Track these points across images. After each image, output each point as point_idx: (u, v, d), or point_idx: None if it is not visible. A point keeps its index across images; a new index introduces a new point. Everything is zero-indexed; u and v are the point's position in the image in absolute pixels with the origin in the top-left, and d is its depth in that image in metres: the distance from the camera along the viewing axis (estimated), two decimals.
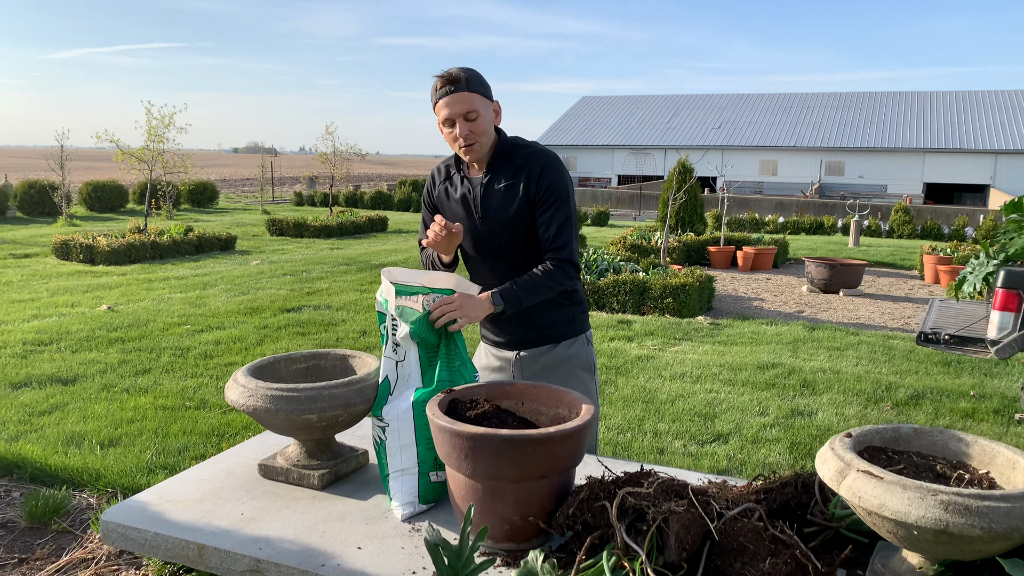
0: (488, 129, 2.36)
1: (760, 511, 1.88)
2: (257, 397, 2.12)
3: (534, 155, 2.40)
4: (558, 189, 2.37)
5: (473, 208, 2.46)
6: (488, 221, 2.45)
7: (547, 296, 2.37)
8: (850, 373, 5.94)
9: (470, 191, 2.46)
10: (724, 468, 4.01)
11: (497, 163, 2.42)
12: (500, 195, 2.41)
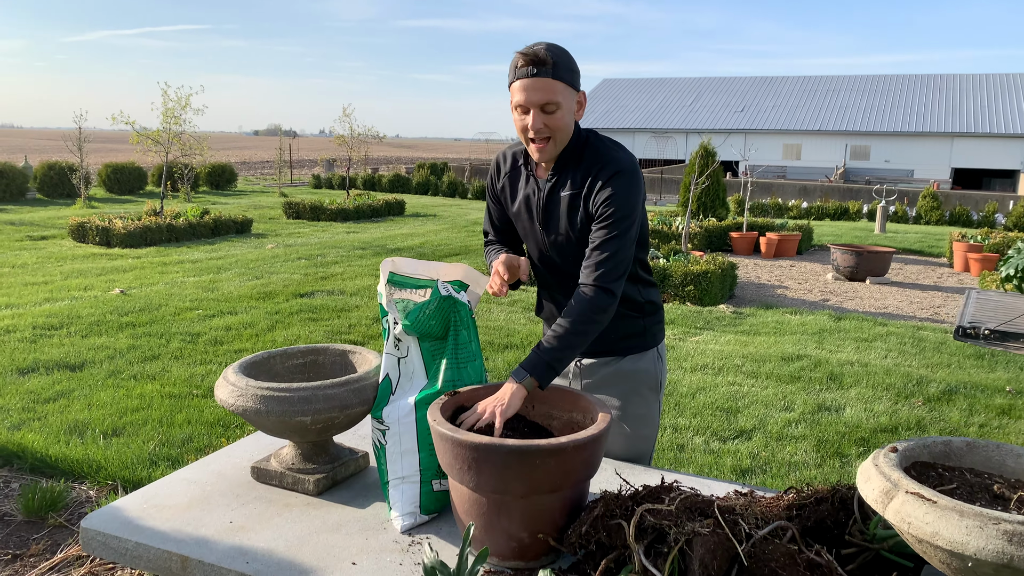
0: (567, 125, 2.01)
1: (793, 530, 1.71)
2: (247, 397, 1.97)
3: (606, 160, 2.04)
4: (621, 207, 1.99)
5: (535, 215, 2.16)
6: (550, 233, 2.15)
7: (589, 339, 1.99)
8: (879, 366, 5.72)
9: (534, 193, 2.15)
10: (748, 467, 3.83)
11: (566, 165, 2.08)
12: (564, 205, 2.09)
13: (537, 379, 1.89)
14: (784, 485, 3.61)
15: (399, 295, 2.11)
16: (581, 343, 1.95)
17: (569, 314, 1.97)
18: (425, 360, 2.05)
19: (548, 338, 1.95)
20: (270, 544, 1.84)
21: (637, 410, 2.27)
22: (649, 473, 2.20)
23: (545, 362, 1.91)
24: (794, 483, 3.67)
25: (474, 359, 2.05)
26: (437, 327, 2.03)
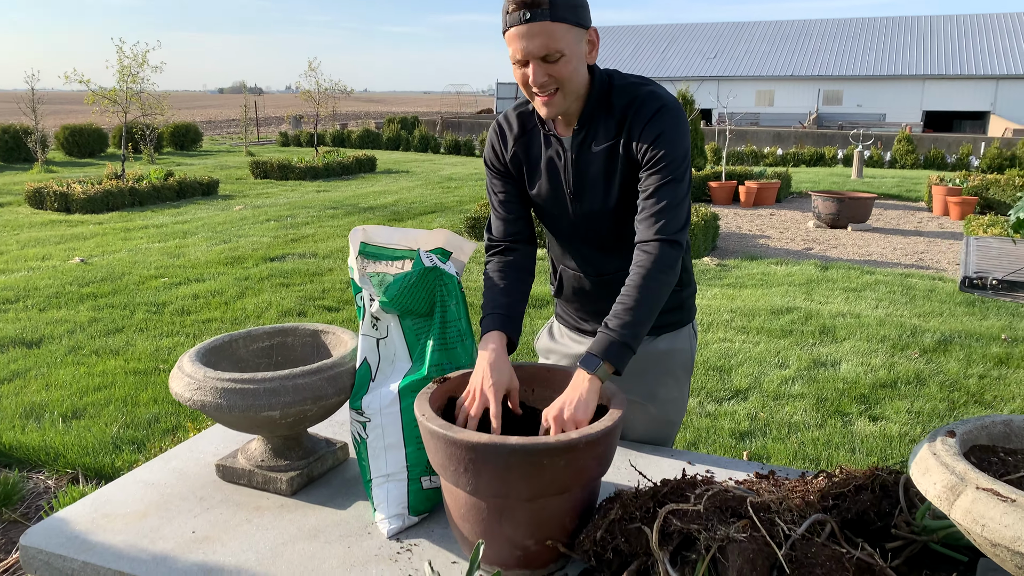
0: (577, 74, 1.67)
1: (832, 524, 1.51)
2: (205, 390, 1.72)
3: (643, 98, 1.73)
4: (673, 146, 1.69)
5: (565, 182, 1.84)
6: (584, 201, 1.84)
7: (661, 305, 1.68)
8: (871, 317, 5.58)
9: (559, 155, 1.82)
10: (746, 430, 3.66)
11: (594, 114, 1.76)
12: (599, 161, 1.78)
13: (613, 364, 1.58)
14: (787, 449, 3.46)
15: (374, 268, 1.86)
16: (655, 310, 1.65)
17: (635, 280, 1.66)
18: (408, 340, 1.81)
19: (617, 312, 1.63)
20: (238, 558, 1.61)
21: (669, 394, 2.04)
22: (666, 460, 1.99)
23: (618, 342, 1.59)
24: (796, 445, 3.51)
25: (464, 338, 1.81)
26: (422, 303, 1.79)
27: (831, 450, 3.46)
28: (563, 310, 2.11)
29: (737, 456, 3.40)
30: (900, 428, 3.68)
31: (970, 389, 4.19)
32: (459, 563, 1.58)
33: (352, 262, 1.85)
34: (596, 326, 2.02)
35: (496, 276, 1.91)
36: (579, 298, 2.00)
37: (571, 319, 2.08)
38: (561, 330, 2.12)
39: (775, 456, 3.40)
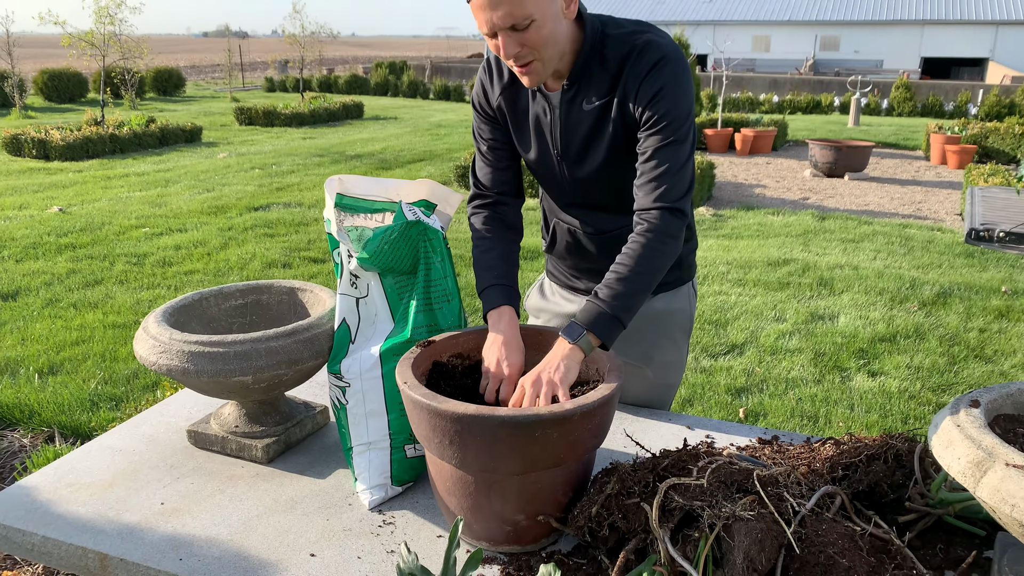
0: (554, 36, 1.48)
1: (842, 497, 1.42)
2: (171, 353, 1.59)
3: (640, 48, 1.54)
4: (675, 103, 1.52)
5: (550, 139, 1.68)
6: (573, 163, 1.69)
7: (660, 277, 1.54)
8: (869, 268, 5.48)
9: (546, 112, 1.66)
10: (743, 386, 3.58)
11: (585, 69, 1.58)
12: (589, 121, 1.61)
13: (600, 336, 1.46)
14: (785, 406, 3.38)
15: (352, 221, 1.72)
16: (652, 283, 1.51)
17: (633, 249, 1.52)
18: (390, 299, 1.68)
19: (609, 282, 1.50)
20: (210, 531, 1.51)
21: (666, 356, 1.92)
22: (664, 425, 1.88)
23: (608, 314, 1.46)
24: (793, 401, 3.44)
25: (450, 298, 1.69)
26: (404, 260, 1.65)
27: (829, 407, 3.38)
28: (555, 267, 1.98)
29: (733, 414, 3.32)
30: (899, 384, 3.60)
31: (970, 343, 4.11)
32: (444, 537, 1.49)
33: (328, 214, 1.71)
34: (590, 284, 1.90)
35: (490, 237, 1.77)
36: (573, 255, 1.87)
37: (563, 276, 1.96)
38: (552, 288, 2.00)
39: (772, 413, 3.32)
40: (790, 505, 1.32)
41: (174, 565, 1.41)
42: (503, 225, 1.79)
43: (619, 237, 1.77)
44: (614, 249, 1.80)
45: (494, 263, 1.72)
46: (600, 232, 1.79)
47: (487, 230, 1.78)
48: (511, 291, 1.68)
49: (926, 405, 3.41)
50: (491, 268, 1.72)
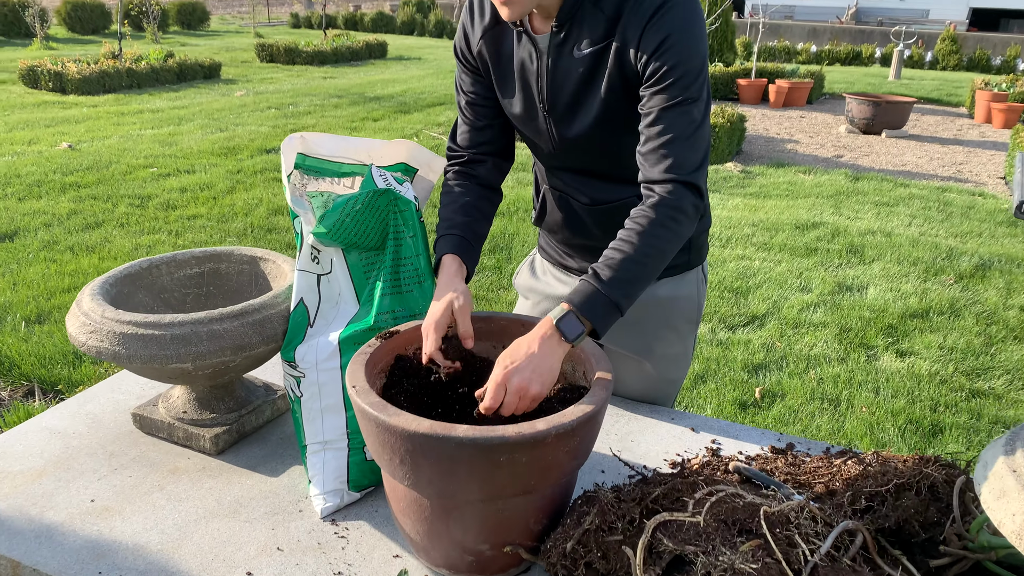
0: None
1: (864, 534, 1.20)
2: (102, 335, 1.40)
3: None
4: (685, 55, 1.27)
5: (536, 91, 1.44)
6: (561, 116, 1.44)
7: (667, 261, 1.31)
8: (903, 236, 5.16)
9: (532, 58, 1.41)
10: (760, 363, 3.35)
11: (576, 7, 1.33)
12: (580, 70, 1.37)
13: (592, 322, 1.23)
14: (804, 387, 3.15)
15: (315, 186, 1.50)
16: (658, 268, 1.28)
17: (639, 225, 1.28)
18: (354, 278, 1.47)
19: (610, 261, 1.26)
20: (140, 537, 1.33)
21: (669, 349, 1.69)
22: (664, 425, 1.66)
23: (605, 297, 1.23)
24: (814, 381, 3.21)
25: (422, 279, 1.47)
26: (371, 235, 1.44)
27: (853, 389, 3.15)
28: (546, 242, 1.75)
29: (749, 393, 3.10)
30: (930, 366, 3.35)
31: (1009, 323, 3.83)
32: (402, 557, 1.30)
33: (286, 178, 1.49)
34: (584, 263, 1.67)
35: (455, 190, 1.55)
36: (565, 229, 1.63)
37: (555, 253, 1.73)
38: (544, 266, 1.77)
39: (791, 394, 3.10)
40: (801, 552, 1.11)
41: None
42: (474, 181, 1.56)
43: (617, 211, 1.54)
44: (612, 224, 1.55)
45: (452, 216, 1.50)
46: (595, 203, 1.56)
47: (457, 187, 1.55)
48: (460, 241, 1.45)
49: (958, 391, 3.16)
50: (446, 220, 1.51)
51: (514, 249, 4.73)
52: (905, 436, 2.81)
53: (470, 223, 1.49)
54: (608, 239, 1.54)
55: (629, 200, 1.52)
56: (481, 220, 1.52)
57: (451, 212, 1.51)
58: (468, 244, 1.46)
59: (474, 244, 1.47)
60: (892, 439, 2.79)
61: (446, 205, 1.53)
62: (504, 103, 1.52)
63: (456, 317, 1.32)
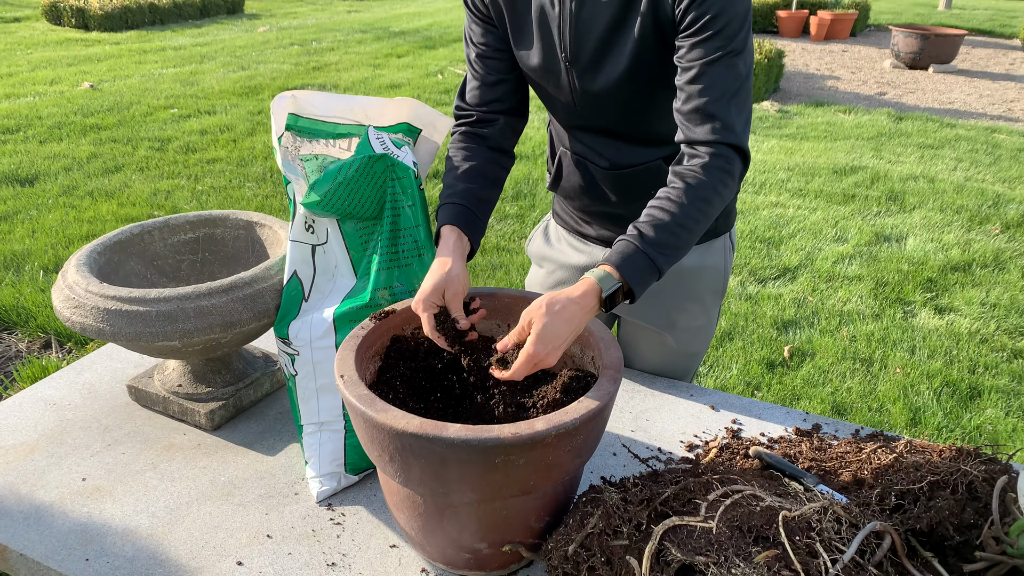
0: None
1: (892, 537, 1.11)
2: (86, 310, 1.33)
3: None
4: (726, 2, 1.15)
5: (557, 39, 1.31)
6: (585, 68, 1.31)
7: (707, 225, 1.19)
8: (947, 181, 4.92)
9: (553, 2, 1.29)
10: (791, 319, 3.22)
11: None
12: (608, 16, 1.24)
13: (631, 283, 1.11)
14: (836, 345, 3.02)
15: (309, 148, 1.40)
16: (699, 233, 1.18)
17: (685, 185, 1.16)
18: (351, 249, 1.38)
19: (654, 219, 1.14)
20: (130, 520, 1.28)
21: (692, 321, 1.58)
22: (682, 403, 1.56)
23: (647, 257, 1.12)
24: (846, 340, 3.08)
25: (423, 252, 1.37)
26: (367, 204, 1.34)
27: (887, 349, 3.02)
28: (561, 207, 1.63)
29: (777, 352, 2.99)
30: (971, 324, 3.20)
31: None
32: (399, 547, 1.24)
33: (276, 141, 1.38)
34: (603, 231, 1.55)
35: (460, 154, 1.42)
36: (583, 195, 1.51)
37: (571, 220, 1.61)
38: (559, 232, 1.66)
39: (821, 353, 2.98)
40: (823, 562, 1.02)
41: (78, 568, 1.20)
42: (483, 143, 1.44)
43: (640, 176, 1.42)
44: (633, 190, 1.44)
45: (454, 183, 1.38)
46: (617, 167, 1.43)
47: (462, 149, 1.43)
48: (462, 211, 1.33)
49: (999, 351, 3.02)
50: (448, 187, 1.39)
51: (538, 196, 4.60)
52: (941, 400, 2.69)
53: (475, 190, 1.38)
54: (629, 206, 1.42)
55: (655, 164, 1.39)
56: (489, 187, 1.41)
57: (454, 178, 1.40)
58: (471, 214, 1.35)
59: (478, 214, 1.36)
60: (927, 403, 2.67)
61: (450, 170, 1.42)
62: (520, 55, 1.39)
63: (447, 303, 1.22)
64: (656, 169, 1.38)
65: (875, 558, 1.10)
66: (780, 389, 2.75)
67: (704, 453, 1.44)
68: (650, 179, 1.37)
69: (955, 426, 2.56)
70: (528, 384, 1.26)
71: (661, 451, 1.45)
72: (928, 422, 2.57)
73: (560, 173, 1.54)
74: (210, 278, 1.63)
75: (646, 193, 1.28)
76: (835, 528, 1.09)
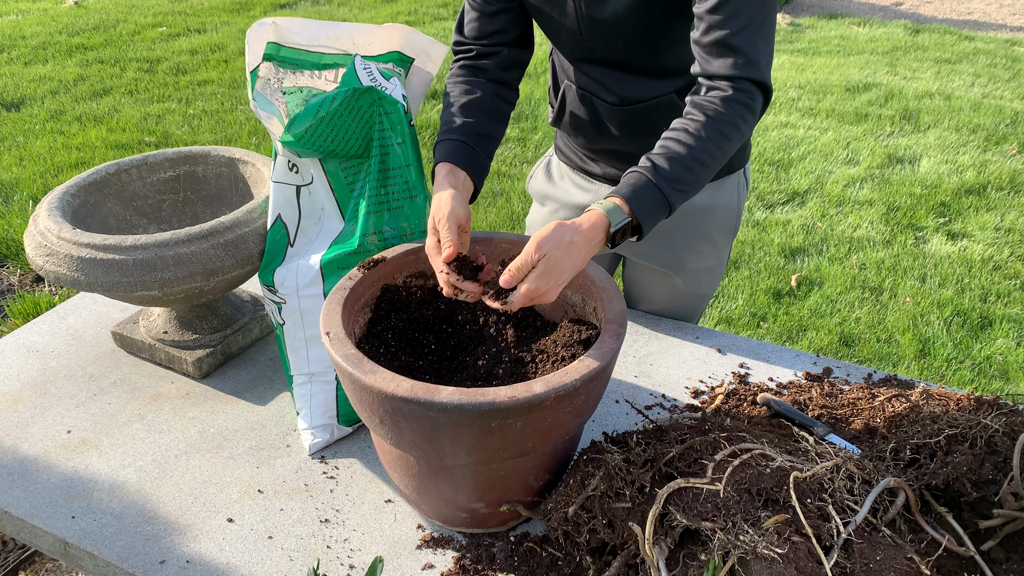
0: None
1: (907, 494, 1.07)
2: (59, 259, 1.26)
3: None
4: None
5: None
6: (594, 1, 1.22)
7: (722, 163, 1.11)
8: (964, 99, 4.74)
9: None
10: (799, 246, 3.14)
11: None
12: None
13: (640, 218, 1.04)
14: (845, 274, 2.95)
15: (293, 80, 1.30)
16: (714, 170, 1.10)
17: (706, 118, 1.07)
18: (336, 190, 1.30)
19: (669, 154, 1.06)
20: (116, 474, 1.25)
21: (703, 262, 1.51)
22: (688, 346, 1.50)
23: (659, 193, 1.04)
24: (856, 268, 3.00)
25: (414, 194, 1.29)
26: (351, 141, 1.25)
27: (897, 277, 2.94)
28: (565, 143, 1.53)
29: (785, 281, 2.92)
30: (983, 250, 3.12)
31: None
32: (395, 503, 1.20)
33: (249, 75, 1.28)
34: (609, 169, 1.46)
35: (457, 87, 1.33)
36: (589, 131, 1.41)
37: (575, 156, 1.51)
38: (561, 169, 1.56)
39: (830, 282, 2.91)
40: (833, 525, 0.97)
41: (64, 525, 1.16)
42: (482, 76, 1.34)
43: (649, 112, 1.32)
44: (642, 127, 1.34)
45: (451, 119, 1.29)
46: (625, 103, 1.33)
47: (458, 81, 1.33)
48: (461, 147, 1.24)
49: (1012, 279, 2.94)
50: (446, 123, 1.30)
51: (539, 118, 4.45)
52: (951, 330, 2.64)
53: (474, 125, 1.28)
54: (637, 143, 1.33)
55: (666, 99, 1.29)
56: (491, 122, 1.31)
57: (452, 114, 1.30)
58: (470, 150, 1.25)
59: (479, 150, 1.27)
60: (936, 334, 2.61)
61: (448, 106, 1.32)
62: None
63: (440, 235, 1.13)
64: (668, 104, 1.28)
65: (888, 516, 1.06)
66: (787, 320, 2.69)
67: (710, 400, 1.39)
68: (661, 115, 1.27)
69: (965, 357, 2.51)
70: (527, 336, 1.20)
71: (665, 398, 1.40)
72: (937, 353, 2.52)
73: (564, 108, 1.43)
74: (193, 218, 1.55)
75: (655, 130, 1.18)
76: (847, 486, 1.05)
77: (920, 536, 1.05)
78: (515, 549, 1.11)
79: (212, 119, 4.44)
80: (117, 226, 1.48)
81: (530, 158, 3.97)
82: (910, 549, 0.98)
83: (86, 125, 4.34)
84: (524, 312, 1.24)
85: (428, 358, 1.20)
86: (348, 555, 1.11)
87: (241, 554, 1.11)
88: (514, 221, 3.33)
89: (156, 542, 1.13)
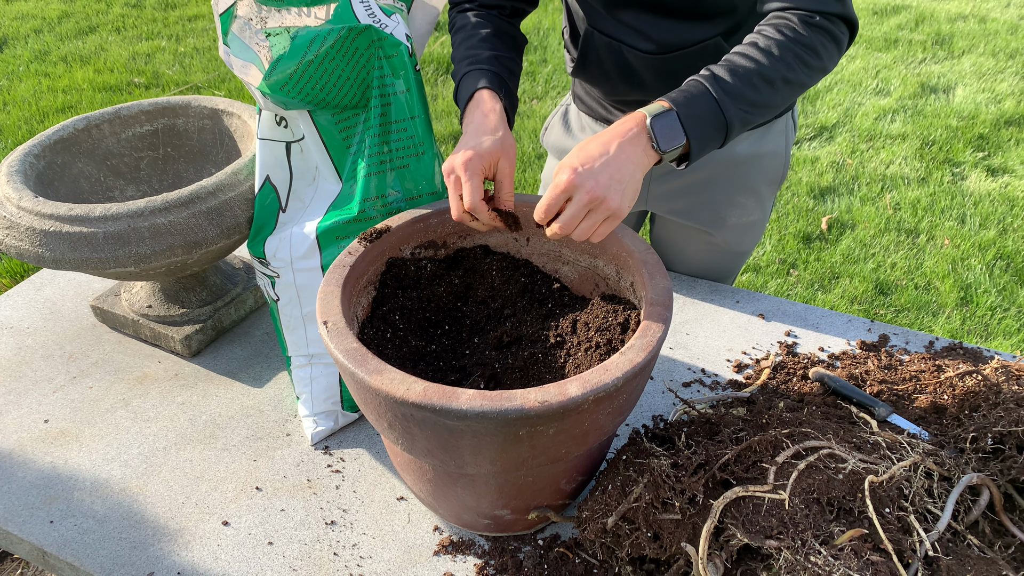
0: None
1: (991, 491, 0.93)
2: (20, 232, 1.11)
3: None
4: None
5: None
6: None
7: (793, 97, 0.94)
8: (1000, 22, 4.46)
9: None
10: (828, 185, 2.96)
11: None
12: None
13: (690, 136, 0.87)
14: (878, 215, 2.77)
15: (278, 20, 1.12)
16: (784, 103, 0.92)
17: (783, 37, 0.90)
18: (330, 147, 1.14)
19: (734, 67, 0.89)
20: (99, 470, 1.13)
21: (745, 216, 1.34)
22: (726, 314, 1.35)
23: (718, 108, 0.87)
24: (890, 208, 2.82)
25: (421, 150, 1.12)
26: (344, 89, 1.08)
27: (934, 217, 2.77)
28: (586, 92, 1.35)
29: (815, 223, 2.75)
30: None
31: None
32: (407, 500, 1.08)
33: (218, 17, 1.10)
34: None
35: (470, 22, 1.15)
36: (618, 83, 1.23)
37: (598, 106, 1.33)
38: (582, 120, 1.38)
39: (862, 224, 2.74)
40: (914, 537, 0.84)
41: (41, 531, 1.04)
42: (493, 14, 1.16)
43: (693, 58, 1.14)
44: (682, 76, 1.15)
45: (466, 54, 1.11)
46: (665, 50, 1.15)
47: (468, 16, 1.16)
48: (490, 76, 1.06)
49: None
50: (464, 58, 1.11)
51: (549, 49, 4.20)
52: (994, 275, 2.47)
53: (498, 57, 1.10)
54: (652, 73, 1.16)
55: (712, 42, 1.11)
56: (515, 56, 1.13)
57: (470, 48, 1.11)
58: (502, 80, 1.07)
59: (509, 82, 1.09)
60: (979, 279, 2.45)
61: (463, 40, 1.13)
62: None
63: (497, 177, 0.98)
64: (714, 49, 1.10)
65: (970, 517, 0.92)
66: (818, 267, 2.53)
67: (755, 375, 1.25)
68: (706, 63, 1.09)
69: (1010, 305, 2.36)
70: (555, 313, 1.05)
71: (705, 373, 1.26)
72: (980, 301, 2.37)
73: (586, 58, 1.24)
74: (175, 178, 1.39)
75: None
76: (925, 486, 0.91)
77: (1006, 540, 0.92)
78: (544, 555, 0.99)
79: (204, 57, 4.21)
80: (90, 189, 1.32)
81: (539, 93, 3.75)
82: (1004, 564, 0.85)
83: (72, 66, 4.13)
84: (548, 287, 1.09)
85: (441, 341, 1.05)
86: (358, 563, 0.99)
87: (238, 563, 0.99)
88: (524, 164, 3.14)
89: (143, 550, 1.01)
